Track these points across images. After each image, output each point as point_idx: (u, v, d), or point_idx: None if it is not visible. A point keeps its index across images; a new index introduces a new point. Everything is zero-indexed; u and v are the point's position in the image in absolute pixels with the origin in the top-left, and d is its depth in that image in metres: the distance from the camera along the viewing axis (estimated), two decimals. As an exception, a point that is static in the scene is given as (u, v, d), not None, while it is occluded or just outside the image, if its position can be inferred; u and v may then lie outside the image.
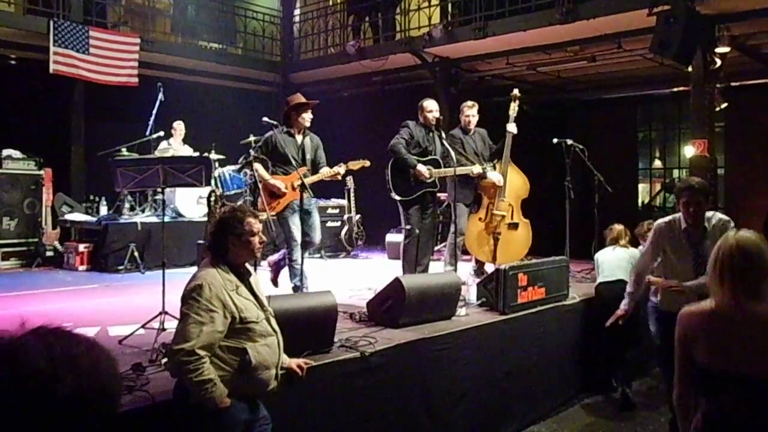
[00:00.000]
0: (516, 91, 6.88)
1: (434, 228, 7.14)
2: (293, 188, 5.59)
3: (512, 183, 6.76)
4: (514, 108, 6.77)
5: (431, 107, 6.28)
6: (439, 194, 6.61)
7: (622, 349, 5.75)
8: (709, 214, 4.20)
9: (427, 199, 6.26)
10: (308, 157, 5.91)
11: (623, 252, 6.05)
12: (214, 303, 2.87)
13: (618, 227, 6.26)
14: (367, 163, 6.12)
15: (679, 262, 4.22)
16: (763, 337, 2.38)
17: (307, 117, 5.92)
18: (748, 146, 11.81)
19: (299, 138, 5.93)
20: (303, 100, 5.96)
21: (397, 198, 6.16)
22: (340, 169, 5.91)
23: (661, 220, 4.36)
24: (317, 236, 5.95)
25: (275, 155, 5.79)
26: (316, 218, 5.97)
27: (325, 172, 5.88)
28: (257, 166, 5.79)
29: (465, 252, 7.11)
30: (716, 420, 2.40)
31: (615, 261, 5.98)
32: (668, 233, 4.25)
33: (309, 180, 5.70)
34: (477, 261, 7.08)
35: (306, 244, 5.83)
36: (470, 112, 6.82)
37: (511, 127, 6.70)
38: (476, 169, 6.32)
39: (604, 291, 5.88)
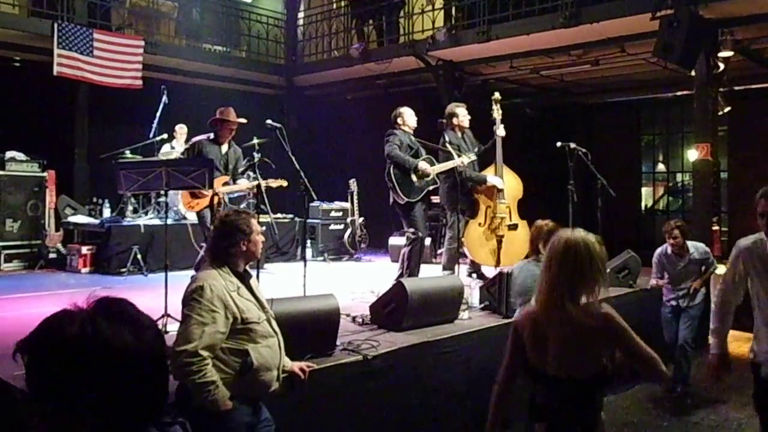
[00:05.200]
0: (497, 94, 7.04)
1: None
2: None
3: (507, 185, 6.85)
4: (497, 111, 6.92)
5: (409, 113, 6.53)
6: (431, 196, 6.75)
7: None
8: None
9: (428, 198, 6.41)
10: (230, 166, 6.42)
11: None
12: (216, 304, 2.88)
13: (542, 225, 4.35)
14: (285, 183, 6.42)
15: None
16: (572, 338, 2.47)
17: (228, 134, 6.36)
18: (751, 150, 11.80)
19: (224, 148, 6.42)
20: (233, 118, 6.39)
21: (407, 200, 6.18)
22: (258, 183, 6.08)
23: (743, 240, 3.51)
24: None
25: None
26: None
27: (242, 183, 6.37)
28: None
29: (464, 255, 7.11)
30: (539, 405, 2.64)
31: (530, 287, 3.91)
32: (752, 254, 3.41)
33: (229, 189, 6.25)
34: (472, 263, 7.06)
35: None
36: (465, 113, 6.93)
37: (500, 131, 6.86)
38: (465, 159, 6.37)
39: None
